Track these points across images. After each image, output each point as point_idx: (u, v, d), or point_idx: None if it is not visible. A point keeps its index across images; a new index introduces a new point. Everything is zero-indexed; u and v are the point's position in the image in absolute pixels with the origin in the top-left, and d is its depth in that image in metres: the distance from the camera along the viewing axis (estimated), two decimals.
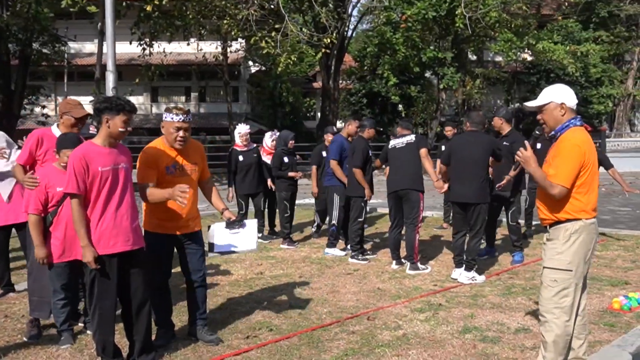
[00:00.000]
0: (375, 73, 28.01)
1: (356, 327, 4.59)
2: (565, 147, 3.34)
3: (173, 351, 4.10)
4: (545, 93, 3.51)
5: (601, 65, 34.18)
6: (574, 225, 3.34)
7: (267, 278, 6.28)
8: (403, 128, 7.01)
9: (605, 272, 6.31)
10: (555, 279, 3.33)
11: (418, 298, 5.39)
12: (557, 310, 3.32)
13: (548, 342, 3.34)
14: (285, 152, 8.25)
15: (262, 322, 4.74)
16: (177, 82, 36.56)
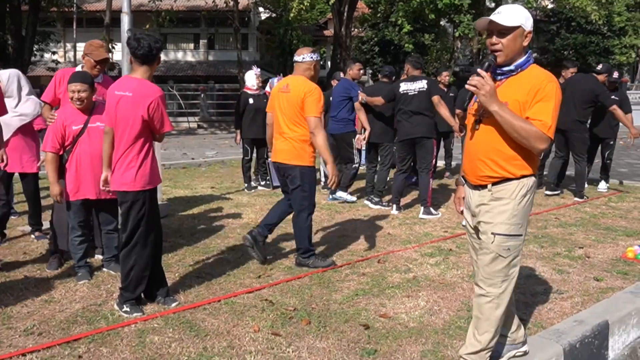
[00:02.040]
0: (388, 20, 27.62)
1: (367, 269, 4.75)
2: (552, 90, 2.71)
3: (187, 288, 4.27)
4: (513, 13, 2.76)
5: (626, 14, 33.40)
6: (529, 181, 2.82)
7: None
8: (413, 67, 6.95)
9: (621, 223, 6.41)
10: (509, 247, 2.80)
11: (428, 243, 5.54)
12: (505, 284, 2.84)
13: (489, 320, 2.87)
14: None
15: (273, 263, 4.92)
16: (186, 28, 36.27)
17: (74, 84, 4.29)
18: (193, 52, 37.80)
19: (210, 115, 26.50)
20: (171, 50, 37.63)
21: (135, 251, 3.82)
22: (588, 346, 3.36)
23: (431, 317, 3.72)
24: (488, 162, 2.81)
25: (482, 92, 2.68)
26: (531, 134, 2.65)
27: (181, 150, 15.18)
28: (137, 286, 3.85)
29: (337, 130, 7.51)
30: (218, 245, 5.49)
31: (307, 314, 3.78)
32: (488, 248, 2.83)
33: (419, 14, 25.68)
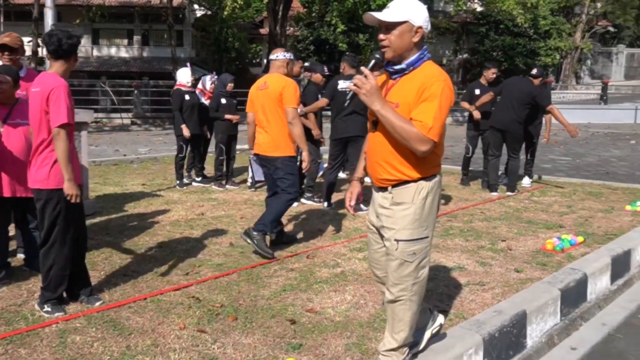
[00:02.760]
0: (323, 20, 27.73)
1: (295, 265, 4.73)
2: (438, 89, 2.58)
3: (113, 287, 4.14)
4: (400, 8, 2.66)
5: (550, 18, 34.91)
6: (429, 183, 2.72)
7: (209, 219, 6.35)
8: (350, 66, 6.92)
9: (542, 216, 6.63)
10: (414, 251, 2.71)
11: (357, 238, 5.57)
12: (415, 286, 2.76)
13: (404, 321, 2.81)
14: (224, 94, 8.21)
15: (202, 260, 4.83)
16: (119, 24, 35.33)
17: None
18: (127, 48, 36.85)
19: (144, 111, 25.87)
20: (104, 46, 36.57)
21: (53, 250, 3.67)
22: (507, 335, 3.45)
23: (357, 311, 3.74)
24: (385, 165, 2.75)
25: (362, 92, 2.60)
26: (411, 135, 2.56)
27: (113, 147, 14.76)
28: (58, 285, 3.71)
29: None
30: (146, 242, 5.35)
31: (234, 310, 3.73)
32: (393, 255, 2.75)
33: (353, 14, 25.90)
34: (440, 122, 2.59)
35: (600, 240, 5.49)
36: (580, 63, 43.93)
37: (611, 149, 15.50)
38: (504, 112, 8.04)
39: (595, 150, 15.10)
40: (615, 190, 8.33)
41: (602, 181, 9.32)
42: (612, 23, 45.15)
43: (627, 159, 13.27)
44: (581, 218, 6.50)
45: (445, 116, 2.62)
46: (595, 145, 16.20)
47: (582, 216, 6.59)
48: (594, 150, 14.94)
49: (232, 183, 8.47)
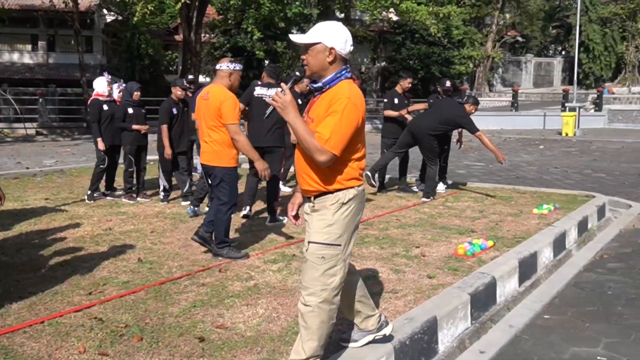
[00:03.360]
0: (240, 27, 27.58)
1: (207, 279, 4.62)
2: (341, 105, 2.76)
3: (6, 310, 3.90)
4: (316, 30, 2.91)
5: (463, 28, 36.37)
6: (346, 194, 2.88)
7: (116, 234, 6.11)
8: (269, 76, 6.97)
9: (455, 222, 6.82)
10: (323, 255, 2.84)
11: (272, 250, 5.52)
12: (324, 293, 2.85)
13: (312, 329, 2.87)
14: (130, 103, 7.97)
15: (107, 278, 4.62)
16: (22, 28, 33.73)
17: None
18: (31, 54, 35.25)
19: (51, 121, 24.77)
20: (5, 52, 34.83)
21: None
22: (418, 342, 3.50)
23: (269, 325, 3.68)
24: (305, 176, 2.94)
25: (278, 105, 2.79)
26: (311, 146, 2.75)
27: (15, 159, 14.00)
28: None
29: None
30: (46, 261, 5.08)
31: (140, 330, 3.58)
32: (305, 256, 2.92)
33: (269, 21, 25.91)
34: (340, 136, 2.76)
35: (509, 243, 5.70)
36: (492, 71, 46.02)
37: (521, 154, 16.26)
38: (424, 121, 8.29)
39: (507, 155, 15.72)
40: (524, 194, 8.72)
41: (512, 185, 9.76)
42: (521, 33, 47.66)
43: (535, 163, 13.96)
44: (492, 222, 6.73)
45: (347, 131, 2.79)
46: (507, 150, 16.91)
47: (492, 220, 6.83)
48: (506, 156, 15.59)
49: (143, 195, 8.21)
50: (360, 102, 2.86)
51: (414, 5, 25.09)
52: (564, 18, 49.47)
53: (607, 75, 45.86)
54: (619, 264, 5.77)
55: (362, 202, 3.00)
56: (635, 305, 4.61)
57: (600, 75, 45.17)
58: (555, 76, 50.08)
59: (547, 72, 50.43)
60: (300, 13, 25.22)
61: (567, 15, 48.36)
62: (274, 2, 24.48)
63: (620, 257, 6.01)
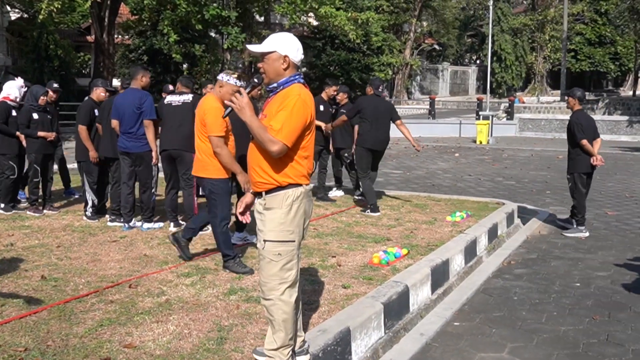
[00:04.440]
0: (156, 29, 26.96)
1: (116, 296, 4.49)
2: (292, 101, 3.10)
3: None
4: (270, 40, 3.24)
5: (382, 34, 37.10)
6: (295, 191, 3.14)
7: (19, 249, 5.82)
8: (183, 85, 7.00)
9: (371, 230, 6.94)
10: (280, 252, 3.11)
11: (186, 263, 5.43)
12: (283, 286, 3.12)
13: (278, 321, 3.13)
14: (35, 108, 7.61)
15: (6, 298, 4.39)
16: None
17: None
18: None
19: None
20: None
21: None
22: (331, 354, 3.55)
23: (180, 342, 3.62)
24: (257, 169, 3.19)
25: (236, 106, 3.11)
26: (264, 138, 3.06)
27: None
28: None
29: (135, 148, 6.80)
30: None
31: (41, 353, 3.44)
32: (262, 254, 3.17)
33: (186, 23, 25.47)
34: (290, 128, 3.08)
35: (422, 251, 5.87)
36: (411, 79, 47.20)
37: (438, 161, 16.81)
38: (381, 132, 8.10)
39: (424, 163, 16.27)
40: (438, 201, 9.00)
41: (428, 193, 10.05)
42: (438, 41, 49.21)
43: (451, 171, 14.48)
44: (407, 230, 6.91)
45: (297, 125, 3.10)
46: (424, 158, 17.45)
47: (408, 228, 7.02)
48: (423, 164, 16.10)
49: (50, 208, 7.86)
50: (309, 101, 3.19)
51: (332, 10, 25.27)
52: (478, 27, 51.49)
53: (518, 84, 48.13)
54: (525, 270, 6.08)
55: (310, 200, 3.28)
56: (538, 310, 4.87)
57: (512, 85, 47.34)
58: (470, 84, 52.09)
59: (463, 81, 52.37)
60: (219, 15, 24.90)
61: (481, 24, 50.36)
62: (191, 4, 24.05)
63: (526, 263, 6.34)
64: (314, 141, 3.30)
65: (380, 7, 38.71)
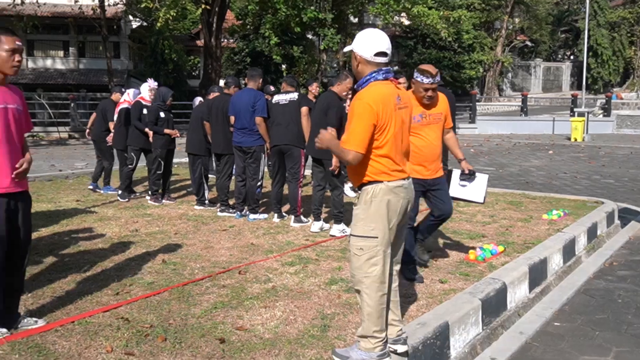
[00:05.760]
0: (258, 32, 27.64)
1: (227, 281, 4.63)
2: (356, 107, 3.01)
3: (40, 309, 3.95)
4: (354, 40, 3.16)
5: (473, 32, 36.03)
6: (374, 188, 3.06)
7: (142, 235, 6.16)
8: (288, 84, 7.09)
9: (465, 227, 6.75)
10: (361, 246, 3.04)
11: (289, 252, 5.52)
12: (367, 280, 3.05)
13: (363, 312, 3.11)
14: (162, 108, 8.03)
15: (133, 279, 4.66)
16: (54, 35, 34.09)
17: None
18: (63, 59, 35.60)
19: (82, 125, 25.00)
20: (39, 58, 35.21)
21: None
22: (430, 347, 3.48)
23: (286, 327, 3.69)
24: (350, 168, 3.19)
25: (317, 145, 3.14)
26: (338, 153, 3.10)
27: (49, 162, 14.14)
28: None
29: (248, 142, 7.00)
30: (77, 261, 5.13)
31: (164, 330, 3.61)
32: (349, 247, 3.15)
33: (285, 26, 25.92)
34: (355, 134, 2.99)
35: (519, 249, 5.64)
36: (502, 76, 45.58)
37: (531, 159, 16.10)
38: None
39: (516, 160, 15.64)
40: (533, 199, 8.61)
41: (522, 191, 9.64)
42: (530, 38, 47.15)
43: (545, 168, 13.81)
44: (502, 227, 6.67)
45: (361, 128, 2.99)
46: (517, 155, 16.79)
47: (503, 225, 6.77)
48: (516, 161, 15.48)
49: (168, 198, 8.26)
50: (374, 102, 2.98)
51: (425, 9, 24.86)
52: (572, 22, 48.94)
53: (616, 80, 45.27)
54: (629, 272, 5.68)
55: (399, 197, 3.10)
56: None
57: (609, 80, 44.60)
58: (564, 81, 49.60)
59: (556, 77, 49.95)
60: (316, 18, 25.13)
61: (576, 19, 47.81)
62: (290, 7, 24.46)
63: (629, 265, 5.92)
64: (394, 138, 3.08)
65: (472, 5, 37.57)
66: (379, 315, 3.07)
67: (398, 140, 3.11)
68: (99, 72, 32.54)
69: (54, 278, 4.64)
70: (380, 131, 3.01)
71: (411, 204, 3.25)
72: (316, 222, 6.42)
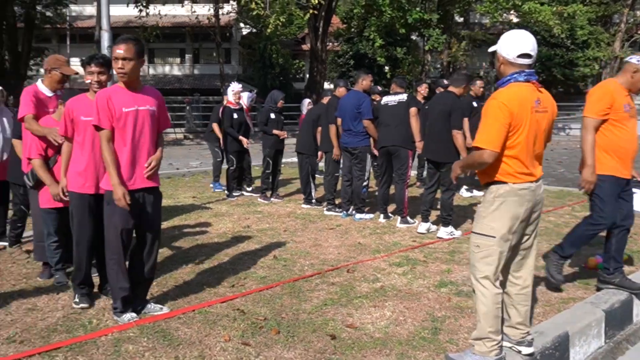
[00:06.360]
0: (362, 35, 27.68)
1: (336, 279, 4.66)
2: (491, 106, 2.97)
3: (164, 297, 4.18)
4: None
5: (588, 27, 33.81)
6: (498, 188, 3.00)
7: (254, 231, 6.35)
8: (397, 85, 7.08)
9: None
10: (478, 244, 3.02)
11: (397, 253, 5.46)
12: (482, 279, 3.00)
13: (478, 312, 3.03)
14: (273, 109, 8.23)
15: (247, 272, 4.81)
16: (172, 43, 36.13)
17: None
18: (179, 66, 37.64)
19: (196, 126, 26.30)
20: (159, 65, 37.42)
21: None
22: (549, 357, 3.29)
23: (396, 328, 3.64)
24: None
25: (454, 175, 3.27)
26: (472, 161, 3.07)
27: (167, 161, 14.98)
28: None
29: (354, 143, 6.98)
30: (195, 254, 5.38)
31: (277, 323, 3.69)
32: (470, 242, 3.13)
33: (390, 28, 25.73)
34: (490, 133, 2.93)
35: None
36: None
37: None
38: None
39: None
40: None
41: None
42: None
43: None
44: None
45: (493, 128, 2.93)
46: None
47: None
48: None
49: (276, 196, 8.46)
50: (508, 101, 2.91)
51: (536, 5, 23.68)
52: None
53: None
54: None
55: (523, 200, 2.99)
56: None
57: None
58: None
59: None
60: (421, 19, 24.77)
61: None
62: (395, 9, 24.25)
63: None
64: (526, 140, 2.95)
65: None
66: (494, 315, 2.98)
67: (530, 143, 2.99)
68: (211, 76, 34.02)
69: (175, 269, 4.89)
70: (513, 131, 2.94)
71: (539, 207, 3.09)
72: (424, 223, 6.31)
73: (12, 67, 22.77)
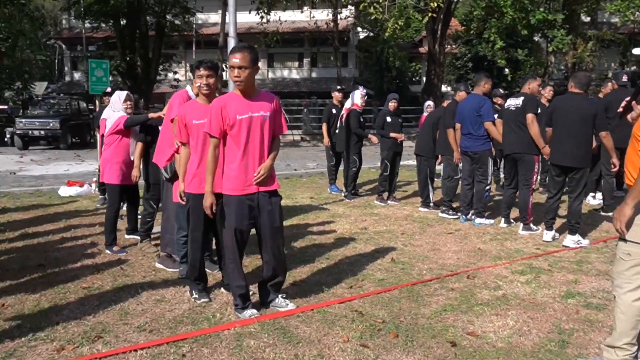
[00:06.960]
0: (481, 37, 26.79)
1: (456, 284, 4.53)
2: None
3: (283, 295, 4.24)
4: None
5: None
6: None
7: (371, 233, 6.34)
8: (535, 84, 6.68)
9: None
10: (629, 252, 2.82)
11: (519, 260, 5.21)
12: (627, 287, 2.84)
13: (616, 319, 2.89)
14: (388, 112, 8.18)
15: (365, 274, 4.81)
16: (291, 48, 37.10)
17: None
18: (297, 69, 38.60)
19: (312, 128, 26.83)
20: (278, 69, 38.63)
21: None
22: None
23: (520, 338, 3.46)
24: (629, 171, 2.97)
25: (619, 227, 2.83)
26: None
27: (285, 162, 15.41)
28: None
29: (474, 147, 6.81)
30: (314, 253, 5.46)
31: (395, 327, 3.64)
32: (617, 249, 2.95)
33: (511, 30, 24.67)
34: None
35: None
36: None
37: None
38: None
39: None
40: None
41: None
42: None
43: None
44: None
45: None
46: None
47: None
48: None
49: (393, 199, 8.41)
50: None
51: None
52: None
53: None
54: None
55: None
56: None
57: None
58: None
59: None
60: (545, 19, 23.48)
61: None
62: (517, 10, 23.20)
63: None
64: None
65: None
66: (632, 326, 2.83)
67: None
68: (328, 80, 34.54)
69: (293, 267, 4.96)
70: None
71: None
72: (548, 231, 5.96)
73: (143, 72, 24.47)
